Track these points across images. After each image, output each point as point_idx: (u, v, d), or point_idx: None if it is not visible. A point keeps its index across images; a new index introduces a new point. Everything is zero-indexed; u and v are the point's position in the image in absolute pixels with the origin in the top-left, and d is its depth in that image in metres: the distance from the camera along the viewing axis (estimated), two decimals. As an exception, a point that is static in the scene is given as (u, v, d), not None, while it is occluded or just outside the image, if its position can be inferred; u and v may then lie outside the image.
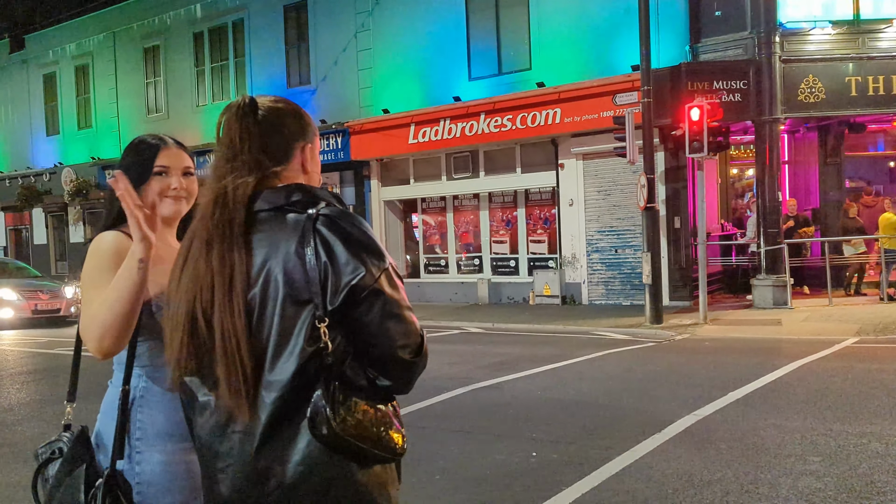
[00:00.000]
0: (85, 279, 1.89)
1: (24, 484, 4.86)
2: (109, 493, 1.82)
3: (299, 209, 1.57)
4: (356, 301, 1.50)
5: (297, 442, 1.50)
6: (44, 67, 25.82)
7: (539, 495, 4.19)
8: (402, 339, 1.54)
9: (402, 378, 1.57)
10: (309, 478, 1.50)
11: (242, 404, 1.51)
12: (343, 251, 1.51)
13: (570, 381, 7.65)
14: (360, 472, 1.53)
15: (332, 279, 1.50)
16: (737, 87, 13.09)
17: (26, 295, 16.37)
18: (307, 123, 1.75)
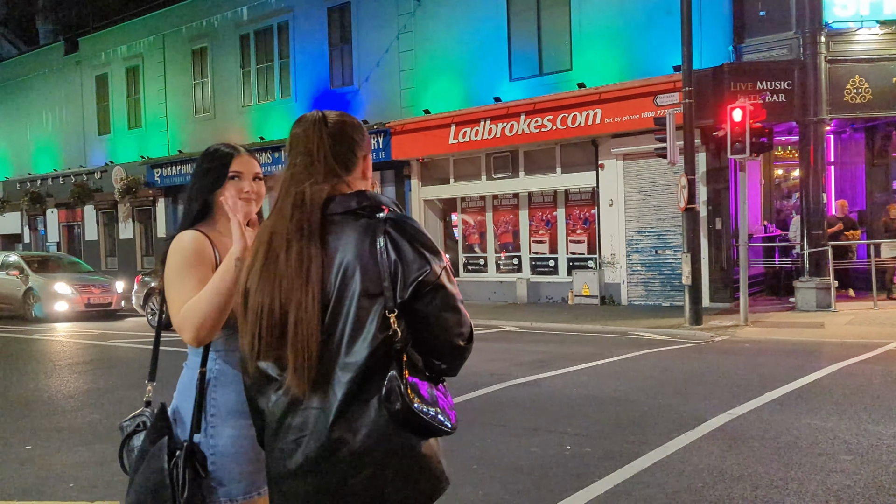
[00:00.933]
0: (169, 274, 2.11)
1: (86, 463, 5.18)
2: (188, 462, 2.03)
3: (368, 213, 1.77)
4: (420, 294, 1.71)
5: (366, 416, 1.70)
6: (96, 69, 26.60)
7: (572, 485, 4.32)
8: (457, 328, 1.75)
9: (455, 362, 1.80)
10: (375, 447, 1.69)
11: (304, 385, 1.71)
12: (410, 250, 1.72)
13: (606, 378, 7.74)
14: (419, 443, 1.73)
15: (401, 275, 1.70)
16: (781, 87, 12.98)
17: (80, 289, 16.97)
18: (365, 135, 1.95)
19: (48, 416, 6.86)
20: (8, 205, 29.28)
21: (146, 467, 2.08)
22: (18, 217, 29.76)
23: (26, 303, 17.02)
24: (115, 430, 6.02)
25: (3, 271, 17.85)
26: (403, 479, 1.72)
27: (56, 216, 28.43)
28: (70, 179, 26.70)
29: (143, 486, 2.06)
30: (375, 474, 1.70)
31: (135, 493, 2.09)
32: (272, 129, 20.67)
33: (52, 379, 8.91)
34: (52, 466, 5.23)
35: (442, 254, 1.78)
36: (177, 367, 2.32)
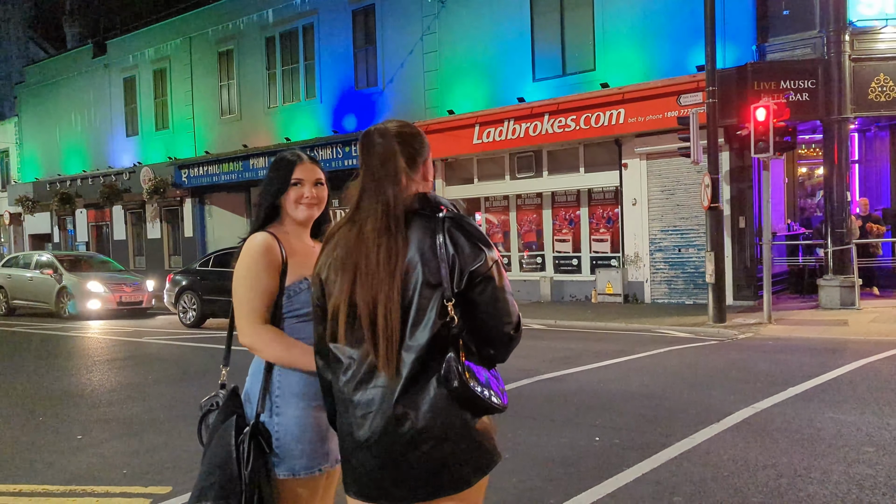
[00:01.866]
0: (238, 275, 2.33)
1: (136, 452, 5.44)
2: (253, 439, 2.25)
3: (429, 212, 1.98)
4: (474, 284, 1.91)
5: (427, 393, 1.91)
6: (124, 71, 27.09)
7: (602, 474, 4.50)
8: (507, 317, 1.96)
9: (504, 349, 2.00)
10: (434, 423, 1.90)
11: (391, 369, 1.92)
12: (466, 244, 1.93)
13: (631, 374, 7.89)
14: (473, 419, 1.93)
15: (458, 266, 1.92)
16: (805, 86, 13.03)
17: (112, 287, 17.36)
18: (425, 142, 2.15)
19: (94, 408, 7.15)
20: (38, 205, 29.89)
21: (216, 442, 2.30)
22: (48, 217, 30.39)
23: (60, 301, 17.44)
24: (158, 422, 6.34)
25: (38, 270, 18.30)
26: (460, 452, 1.92)
27: (85, 216, 29.00)
28: (99, 180, 27.23)
29: (213, 459, 2.28)
30: (434, 448, 1.90)
31: (206, 465, 2.30)
32: (298, 130, 20.98)
33: (93, 374, 9.23)
34: (103, 455, 5.49)
35: (495, 248, 1.97)
36: (203, 360, 2.54)
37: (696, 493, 4.17)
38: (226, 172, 22.51)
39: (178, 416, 6.60)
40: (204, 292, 14.40)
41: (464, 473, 1.94)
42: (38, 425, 6.52)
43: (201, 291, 14.47)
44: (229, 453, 2.25)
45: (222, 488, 2.20)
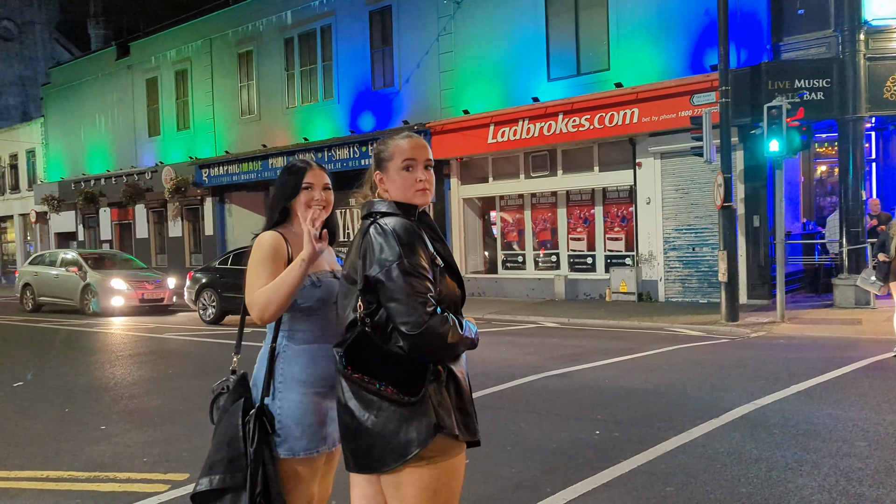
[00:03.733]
0: (250, 266, 2.56)
1: (156, 442, 5.69)
2: (258, 420, 2.46)
3: (369, 218, 2.28)
4: (371, 284, 2.17)
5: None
6: (147, 73, 27.53)
7: (600, 465, 4.67)
8: (402, 318, 2.11)
9: (407, 344, 2.12)
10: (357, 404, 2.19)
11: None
12: (374, 249, 2.18)
13: (638, 371, 8.03)
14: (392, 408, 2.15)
15: (360, 270, 2.20)
16: (819, 85, 13.05)
17: (134, 285, 17.73)
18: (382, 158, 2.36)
19: (117, 400, 7.43)
20: (63, 204, 30.46)
21: (225, 422, 2.52)
22: (73, 216, 30.96)
23: (84, 298, 17.85)
24: (177, 414, 6.59)
25: (63, 268, 18.74)
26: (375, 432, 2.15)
27: (109, 215, 29.51)
28: (122, 179, 27.70)
29: (222, 437, 2.51)
30: (357, 429, 2.18)
31: (216, 442, 2.53)
32: (315, 130, 21.25)
33: (116, 368, 9.53)
34: (125, 444, 5.75)
35: (404, 255, 2.12)
36: (222, 356, 2.74)
37: (688, 483, 4.32)
38: (245, 172, 22.84)
39: (195, 409, 6.84)
40: (223, 290, 14.70)
41: (378, 456, 2.15)
42: (64, 416, 6.80)
43: (220, 289, 14.77)
44: (236, 432, 2.47)
45: (230, 462, 2.42)
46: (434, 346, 2.11)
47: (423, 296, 2.10)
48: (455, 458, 2.20)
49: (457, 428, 2.17)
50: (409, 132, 2.41)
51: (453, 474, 2.21)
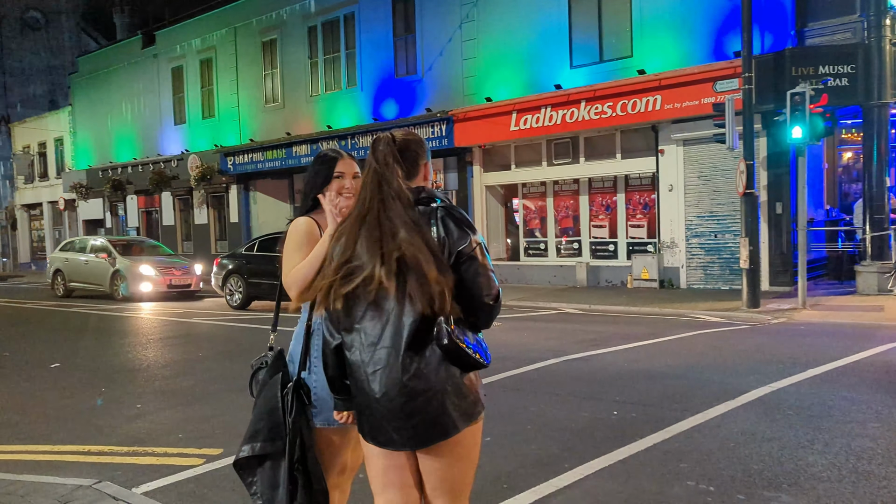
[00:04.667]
0: (286, 251, 2.75)
1: (190, 419, 5.94)
2: (296, 392, 2.66)
3: (426, 203, 2.39)
4: (460, 262, 2.31)
5: (423, 352, 2.29)
6: (172, 61, 27.87)
7: (616, 443, 4.83)
8: (487, 290, 2.33)
9: (486, 316, 2.37)
10: (429, 378, 2.29)
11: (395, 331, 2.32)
12: (455, 229, 2.34)
13: (657, 355, 8.15)
14: (461, 375, 2.33)
15: (448, 247, 2.31)
16: (844, 71, 12.97)
17: (163, 271, 18.11)
18: (424, 147, 2.56)
19: (150, 381, 7.71)
20: (91, 191, 31.01)
21: (265, 394, 2.73)
22: (101, 203, 31.51)
23: (114, 283, 18.27)
24: (209, 394, 6.86)
25: (93, 254, 19.17)
26: (449, 403, 2.30)
27: (136, 202, 30.00)
28: (148, 167, 28.14)
29: (263, 408, 2.72)
30: (428, 401, 2.29)
31: (256, 413, 2.74)
32: (339, 118, 21.45)
33: (148, 350, 9.84)
34: (160, 421, 6.00)
35: (479, 234, 2.37)
36: (249, 339, 2.93)
37: (702, 460, 4.46)
38: (269, 160, 23.13)
39: (226, 389, 7.09)
40: (249, 275, 14.99)
41: (453, 420, 2.31)
42: (101, 395, 7.07)
43: (247, 275, 15.07)
44: (276, 403, 2.69)
45: (270, 431, 2.63)
46: (497, 314, 2.39)
47: (493, 269, 2.38)
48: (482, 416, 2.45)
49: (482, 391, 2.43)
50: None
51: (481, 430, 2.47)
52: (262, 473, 2.69)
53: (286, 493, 2.63)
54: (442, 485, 2.41)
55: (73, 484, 4.46)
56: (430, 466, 2.40)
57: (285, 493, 2.63)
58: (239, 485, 4.44)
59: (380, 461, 2.47)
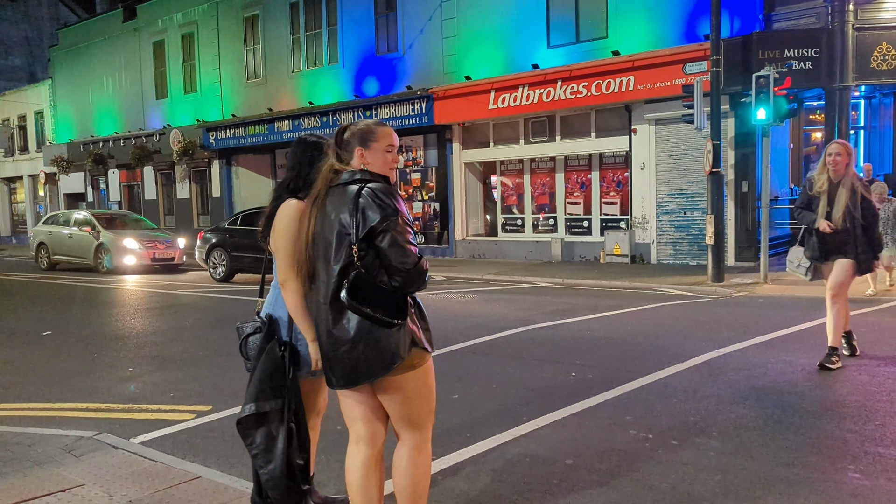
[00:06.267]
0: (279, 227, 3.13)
1: (181, 380, 6.44)
2: (292, 353, 3.14)
3: (357, 184, 2.80)
4: (374, 235, 2.72)
5: (344, 311, 2.76)
6: (153, 35, 27.84)
7: (571, 400, 5.34)
8: (401, 258, 2.72)
9: (404, 280, 2.74)
10: (348, 331, 2.75)
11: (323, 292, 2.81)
12: (370, 208, 2.72)
13: (619, 325, 8.69)
14: (379, 329, 2.74)
15: (361, 223, 2.73)
16: (808, 55, 13.47)
17: (146, 244, 18.39)
18: (361, 137, 2.91)
19: (140, 347, 8.12)
20: (72, 165, 31.01)
21: (266, 358, 3.15)
22: (82, 177, 31.54)
23: (98, 257, 18.53)
24: (197, 358, 7.31)
25: (76, 228, 19.39)
26: (367, 353, 2.75)
27: (117, 176, 30.07)
28: (130, 142, 28.22)
29: (267, 370, 3.14)
30: (351, 347, 2.76)
31: (259, 374, 3.15)
32: (321, 94, 21.69)
33: (136, 320, 10.23)
34: (153, 382, 6.44)
35: (400, 210, 2.74)
36: (234, 310, 3.36)
37: (645, 413, 4.99)
38: (252, 135, 23.35)
39: (214, 355, 7.52)
40: (232, 249, 15.35)
41: (372, 368, 2.76)
42: (94, 360, 7.49)
43: (230, 248, 15.42)
44: (280, 365, 3.13)
45: (273, 391, 3.09)
46: (419, 279, 2.76)
47: (412, 242, 2.76)
48: (427, 363, 2.88)
49: (425, 342, 2.84)
50: (382, 121, 3.02)
51: (429, 373, 2.91)
52: (262, 429, 3.11)
53: (284, 443, 3.09)
54: (400, 419, 2.90)
55: (76, 435, 4.88)
56: (386, 405, 2.91)
57: (283, 443, 3.09)
58: (229, 434, 4.92)
59: (346, 398, 2.96)
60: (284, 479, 3.08)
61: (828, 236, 6.08)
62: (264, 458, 3.10)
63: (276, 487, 3.09)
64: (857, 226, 5.99)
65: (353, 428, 2.98)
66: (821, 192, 6.11)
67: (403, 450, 2.92)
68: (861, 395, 5.29)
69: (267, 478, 3.09)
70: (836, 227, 5.99)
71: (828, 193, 6.06)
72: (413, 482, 2.90)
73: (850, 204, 5.94)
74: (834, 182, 6.05)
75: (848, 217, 5.96)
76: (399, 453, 2.93)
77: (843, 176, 6.02)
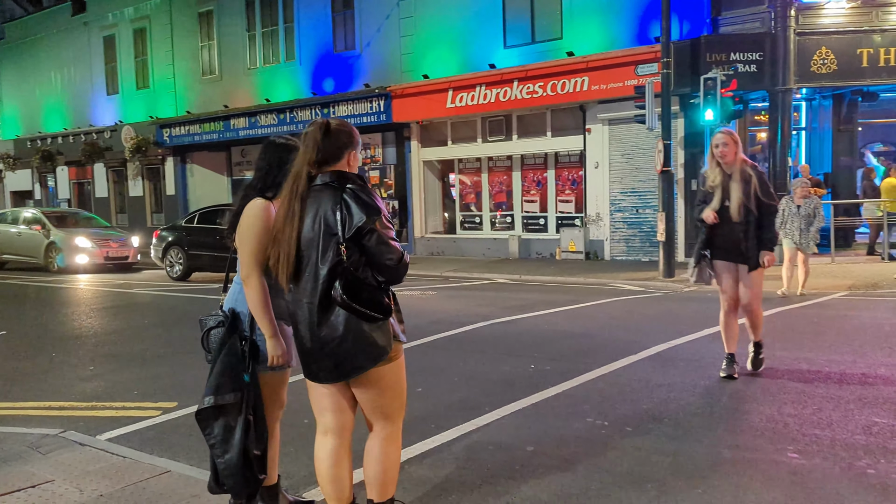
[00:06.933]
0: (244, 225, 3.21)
1: (144, 378, 6.46)
2: (252, 348, 3.23)
3: (338, 186, 2.89)
4: (362, 234, 2.82)
5: (332, 308, 2.86)
6: (104, 30, 27.34)
7: (530, 391, 5.55)
8: (388, 255, 2.85)
9: (390, 275, 2.89)
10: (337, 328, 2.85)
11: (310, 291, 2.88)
12: (356, 209, 2.82)
13: (575, 319, 8.96)
14: (365, 324, 2.86)
15: (348, 222, 2.82)
16: (753, 58, 13.98)
17: (99, 243, 18.10)
18: (354, 139, 3.02)
19: (100, 346, 8.10)
20: (19, 162, 30.25)
21: (227, 352, 3.23)
22: (29, 174, 30.79)
23: (49, 255, 18.16)
24: (160, 356, 7.35)
25: (25, 226, 18.97)
26: (356, 348, 2.87)
27: (66, 174, 29.44)
28: (80, 138, 27.66)
29: (227, 364, 3.21)
30: (337, 346, 2.87)
31: (221, 368, 3.22)
32: (277, 92, 21.61)
33: (93, 319, 10.15)
34: (115, 381, 6.46)
35: (381, 210, 2.86)
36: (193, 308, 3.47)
37: (601, 402, 5.23)
38: (207, 132, 23.13)
39: (176, 352, 7.55)
40: (190, 247, 15.25)
41: (360, 362, 2.89)
42: (53, 360, 7.45)
43: (187, 247, 15.31)
44: (240, 358, 3.22)
45: (233, 383, 3.18)
46: (402, 273, 2.91)
47: (395, 239, 2.89)
48: (402, 356, 3.03)
49: (401, 333, 3.00)
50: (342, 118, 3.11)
51: (403, 366, 3.06)
52: (221, 420, 3.20)
53: (241, 434, 3.18)
54: (374, 411, 3.03)
55: (40, 433, 4.90)
56: (360, 396, 3.03)
57: (241, 434, 3.18)
58: (197, 430, 4.98)
59: (316, 390, 3.08)
60: (241, 469, 3.17)
61: (717, 230, 5.74)
62: (222, 448, 3.19)
63: (231, 476, 3.18)
64: (750, 220, 5.61)
65: (323, 419, 3.10)
66: (714, 186, 5.75)
67: (375, 440, 3.05)
68: (800, 382, 5.63)
69: (223, 466, 3.19)
70: (733, 220, 5.60)
71: (722, 187, 5.68)
72: (384, 470, 3.05)
73: (743, 196, 5.57)
74: (727, 174, 5.65)
75: (744, 210, 5.59)
76: (371, 443, 3.06)
77: (734, 165, 5.62)
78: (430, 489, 3.82)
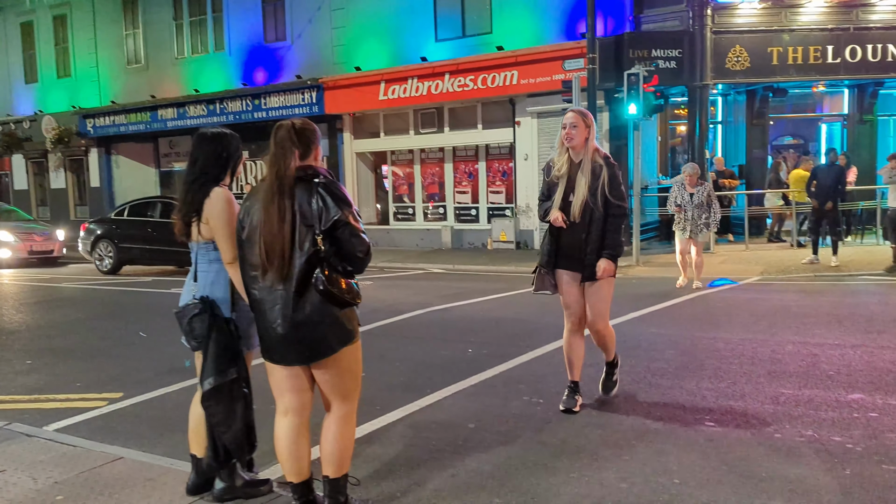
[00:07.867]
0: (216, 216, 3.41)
1: (87, 370, 6.50)
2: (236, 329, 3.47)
3: (309, 180, 3.11)
4: (336, 226, 3.05)
5: (308, 295, 3.08)
6: (21, 16, 26.24)
7: (469, 373, 5.87)
8: (359, 247, 3.09)
9: (358, 265, 3.14)
10: (312, 313, 3.08)
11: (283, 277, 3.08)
12: (331, 202, 3.06)
13: (508, 305, 9.34)
14: (339, 311, 3.12)
15: (324, 215, 3.05)
16: (673, 55, 14.64)
17: (21, 237, 17.58)
18: (317, 135, 3.27)
19: (34, 340, 8.01)
20: (-71, 152, 28.83)
21: (217, 334, 3.43)
22: (-59, 165, 29.38)
23: (-33, 250, 17.52)
24: (100, 349, 7.37)
25: (-60, 220, 18.23)
26: (329, 331, 3.11)
27: (-18, 165, 28.24)
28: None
29: (219, 344, 3.42)
30: (312, 329, 3.10)
31: (214, 349, 3.41)
32: (207, 82, 21.28)
33: (24, 314, 9.96)
34: (55, 373, 6.46)
35: (352, 204, 3.11)
36: (127, 301, 3.64)
37: (536, 382, 5.59)
38: (133, 123, 22.60)
39: (115, 344, 7.56)
40: (120, 240, 14.99)
41: (331, 344, 3.14)
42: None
43: (117, 240, 15.04)
44: (232, 338, 3.47)
45: (230, 361, 3.43)
46: (368, 262, 3.15)
47: (363, 230, 3.12)
48: (359, 340, 3.28)
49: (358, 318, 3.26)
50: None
51: (360, 349, 3.31)
52: (222, 399, 3.43)
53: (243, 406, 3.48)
54: (333, 390, 3.27)
55: (-15, 427, 4.92)
56: (321, 378, 3.26)
57: (243, 406, 3.47)
58: (146, 417, 5.13)
59: (277, 372, 3.28)
60: (246, 437, 3.51)
61: (563, 233, 4.77)
62: (226, 424, 3.46)
63: (239, 446, 3.51)
64: (594, 220, 4.67)
65: (282, 399, 3.31)
66: (559, 176, 4.74)
67: (332, 419, 3.29)
68: (717, 360, 6.12)
69: (231, 438, 3.48)
70: (574, 219, 4.67)
71: (568, 177, 4.71)
72: (340, 448, 3.29)
73: (589, 192, 4.62)
74: (576, 162, 4.69)
75: (587, 209, 4.64)
76: (328, 422, 3.30)
77: (582, 153, 4.68)
78: (380, 466, 4.08)
